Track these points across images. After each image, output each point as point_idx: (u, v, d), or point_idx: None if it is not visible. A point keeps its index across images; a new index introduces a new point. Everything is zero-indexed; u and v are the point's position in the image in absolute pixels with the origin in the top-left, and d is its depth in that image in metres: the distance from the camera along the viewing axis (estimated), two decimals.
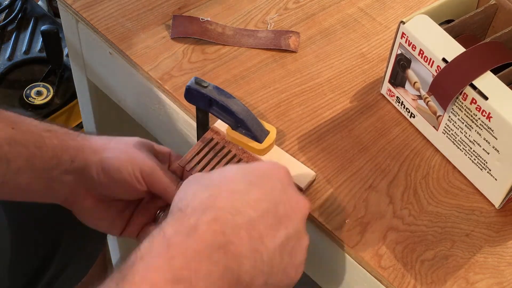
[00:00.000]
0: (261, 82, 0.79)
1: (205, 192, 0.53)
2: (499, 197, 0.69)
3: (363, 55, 0.83)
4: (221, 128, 0.68)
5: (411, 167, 0.72)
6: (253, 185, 0.54)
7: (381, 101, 0.78)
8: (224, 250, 0.49)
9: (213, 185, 0.54)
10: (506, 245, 0.67)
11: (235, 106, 0.64)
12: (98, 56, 0.86)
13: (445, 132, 0.71)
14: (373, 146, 0.74)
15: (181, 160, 0.66)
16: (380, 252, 0.65)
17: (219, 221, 0.50)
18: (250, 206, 0.52)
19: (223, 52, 0.81)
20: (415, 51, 0.70)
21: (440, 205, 0.70)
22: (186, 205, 0.52)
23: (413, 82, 0.72)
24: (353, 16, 0.87)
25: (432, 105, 0.71)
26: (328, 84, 0.79)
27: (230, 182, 0.54)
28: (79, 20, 0.84)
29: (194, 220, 0.50)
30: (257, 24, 0.85)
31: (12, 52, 1.39)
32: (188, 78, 0.77)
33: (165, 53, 0.80)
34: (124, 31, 0.82)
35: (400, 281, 0.64)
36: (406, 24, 0.70)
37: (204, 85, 0.64)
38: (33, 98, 1.33)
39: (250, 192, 0.53)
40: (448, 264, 0.65)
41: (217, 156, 0.66)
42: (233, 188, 0.53)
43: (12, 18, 1.43)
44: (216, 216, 0.51)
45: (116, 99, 0.90)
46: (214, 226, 0.50)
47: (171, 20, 0.84)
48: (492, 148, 0.66)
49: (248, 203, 0.52)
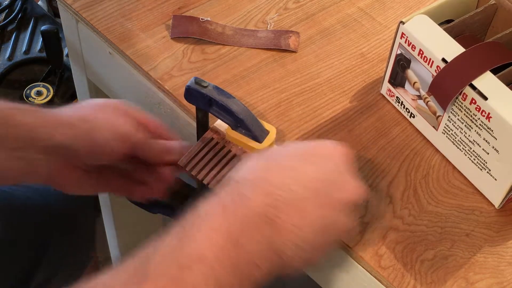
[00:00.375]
0: (261, 82, 0.79)
1: (260, 167, 0.55)
2: (499, 197, 0.69)
3: (363, 55, 0.83)
4: (221, 128, 0.68)
5: (411, 167, 0.72)
6: (309, 163, 0.56)
7: (381, 101, 0.78)
8: (272, 222, 0.52)
9: (269, 160, 0.56)
10: (506, 245, 0.67)
11: (235, 106, 0.64)
12: (98, 56, 0.86)
13: (445, 132, 0.71)
14: (373, 146, 0.74)
15: (181, 160, 0.66)
16: (380, 252, 0.65)
17: (270, 196, 0.53)
18: (302, 184, 0.54)
19: (223, 52, 0.81)
20: (415, 51, 0.70)
21: (440, 205, 0.70)
22: (241, 177, 0.55)
23: (412, 82, 0.72)
24: (353, 16, 0.87)
25: (432, 105, 0.71)
26: (328, 84, 0.79)
27: (285, 158, 0.56)
28: (79, 20, 0.84)
29: (247, 192, 0.53)
30: (257, 24, 0.85)
31: (12, 52, 1.39)
32: (188, 78, 0.77)
33: (165, 53, 0.80)
34: (124, 31, 0.82)
35: (400, 281, 0.64)
36: (406, 24, 0.70)
37: (204, 85, 0.64)
38: (33, 98, 1.33)
39: (304, 169, 0.55)
40: (448, 264, 0.65)
41: (217, 156, 0.66)
42: (287, 165, 0.55)
43: (12, 18, 1.43)
44: (268, 190, 0.53)
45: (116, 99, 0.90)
46: (265, 200, 0.52)
47: (171, 20, 0.84)
48: (492, 148, 0.66)
49: (300, 181, 0.54)
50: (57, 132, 0.64)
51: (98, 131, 0.65)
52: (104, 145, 0.66)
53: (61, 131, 0.65)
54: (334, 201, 0.55)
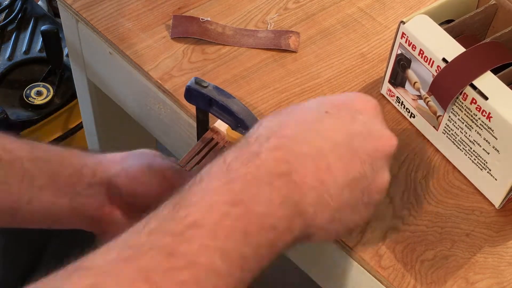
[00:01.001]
0: (261, 82, 0.79)
1: (274, 121, 0.50)
2: (499, 197, 0.69)
3: (363, 55, 0.82)
4: (221, 128, 0.68)
5: (411, 167, 0.72)
6: (328, 114, 0.50)
7: (381, 101, 0.78)
8: (287, 178, 0.46)
9: (284, 113, 0.51)
10: (506, 245, 0.67)
11: (235, 106, 0.64)
12: (98, 56, 0.86)
13: (445, 132, 0.71)
14: None
15: (181, 160, 0.66)
16: (380, 252, 0.65)
17: (283, 149, 0.47)
18: (321, 136, 0.49)
19: (223, 52, 0.81)
20: (415, 51, 0.70)
21: (440, 205, 0.70)
22: (252, 134, 0.49)
23: (413, 82, 0.72)
24: (353, 16, 0.87)
25: (432, 105, 0.71)
26: (328, 84, 0.79)
27: (302, 111, 0.51)
28: (79, 20, 0.84)
29: (256, 147, 0.47)
30: (257, 24, 0.85)
31: (12, 52, 1.39)
32: (188, 78, 0.77)
33: (165, 53, 0.80)
34: (124, 31, 0.82)
35: (400, 281, 0.64)
36: (406, 24, 0.70)
37: (204, 85, 0.64)
38: (33, 98, 1.33)
39: (323, 121, 0.50)
40: (448, 264, 0.65)
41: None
42: (304, 117, 0.50)
43: (12, 18, 1.43)
44: (280, 143, 0.47)
45: (116, 99, 0.90)
46: (277, 154, 0.47)
47: (171, 20, 0.84)
48: (492, 148, 0.66)
49: (318, 133, 0.49)
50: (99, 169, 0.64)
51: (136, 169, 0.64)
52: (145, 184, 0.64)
53: (102, 168, 0.64)
54: (360, 153, 0.49)
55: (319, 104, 0.52)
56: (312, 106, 0.51)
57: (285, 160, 0.47)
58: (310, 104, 0.52)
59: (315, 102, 0.52)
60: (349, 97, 0.53)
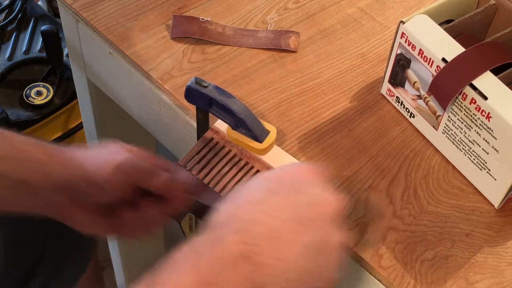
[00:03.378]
0: (261, 82, 0.79)
1: (229, 206, 0.54)
2: (498, 197, 0.69)
3: (363, 55, 0.83)
4: (221, 128, 0.68)
5: (411, 167, 0.72)
6: (273, 192, 0.54)
7: (381, 101, 0.78)
8: (247, 259, 0.50)
9: (236, 198, 0.55)
10: (506, 245, 0.67)
11: (235, 106, 0.64)
12: (98, 56, 0.86)
13: (445, 132, 0.71)
14: (373, 146, 0.74)
15: (181, 160, 0.66)
16: (380, 252, 0.65)
17: (241, 232, 0.51)
18: (269, 215, 0.52)
19: (223, 52, 0.81)
20: (415, 51, 0.70)
21: (440, 205, 0.70)
22: (213, 222, 0.54)
23: (412, 82, 0.72)
24: (353, 16, 0.87)
25: (432, 105, 0.71)
26: (328, 84, 0.79)
27: (251, 193, 0.55)
28: (79, 20, 0.84)
29: (219, 233, 0.51)
30: (257, 24, 0.85)
31: (12, 52, 1.39)
32: (188, 78, 0.77)
33: (165, 53, 0.80)
34: (124, 31, 0.82)
35: (400, 281, 0.64)
36: (406, 24, 0.70)
37: (204, 85, 0.64)
38: (33, 98, 1.33)
39: (269, 200, 0.54)
40: (448, 264, 0.65)
41: (217, 156, 0.66)
42: (253, 199, 0.54)
43: (12, 18, 1.43)
44: (238, 227, 0.51)
45: (116, 99, 0.90)
46: (236, 237, 0.51)
47: (171, 20, 0.84)
48: (492, 148, 0.66)
49: (266, 212, 0.53)
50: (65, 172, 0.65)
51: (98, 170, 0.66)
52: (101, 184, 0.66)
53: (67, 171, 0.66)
54: (311, 221, 0.53)
55: (264, 183, 0.56)
56: (258, 187, 0.55)
57: (243, 242, 0.51)
58: (255, 185, 0.56)
59: (261, 182, 0.56)
60: (289, 171, 0.57)
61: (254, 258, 0.50)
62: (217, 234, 0.51)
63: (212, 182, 0.65)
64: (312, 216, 0.54)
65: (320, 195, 0.55)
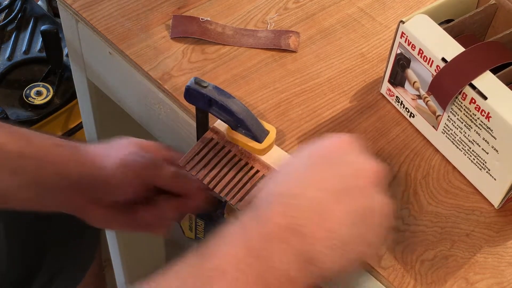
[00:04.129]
0: (261, 82, 0.79)
1: (273, 186, 0.56)
2: (498, 197, 0.69)
3: (363, 55, 0.83)
4: (221, 128, 0.68)
5: (411, 167, 0.72)
6: (315, 165, 0.56)
7: (381, 101, 0.78)
8: (295, 232, 0.51)
9: (279, 176, 0.57)
10: (506, 245, 0.67)
11: (235, 106, 0.64)
12: (98, 56, 0.86)
13: (445, 131, 0.71)
14: (373, 146, 0.74)
15: (181, 160, 0.66)
16: (380, 252, 0.65)
17: (285, 206, 0.53)
18: (312, 188, 0.54)
19: (223, 52, 0.81)
20: (415, 51, 0.70)
21: (440, 205, 0.70)
22: (258, 200, 0.55)
23: (412, 82, 0.72)
24: (353, 16, 0.87)
25: (432, 104, 0.71)
26: (328, 84, 0.79)
27: (294, 169, 0.57)
28: (79, 20, 0.84)
29: (263, 209, 0.53)
30: (257, 24, 0.85)
31: (12, 52, 1.39)
32: (188, 78, 0.77)
33: (165, 53, 0.80)
34: (124, 31, 0.82)
35: (400, 281, 0.64)
36: (406, 23, 0.70)
37: (204, 85, 0.64)
38: (33, 98, 1.33)
39: (312, 173, 0.55)
40: (448, 264, 0.65)
41: (217, 156, 0.66)
42: (297, 175, 0.56)
43: (12, 18, 1.43)
44: (285, 203, 0.53)
45: (116, 99, 0.90)
46: (281, 211, 0.52)
47: (171, 20, 0.84)
48: (491, 148, 0.66)
49: (309, 186, 0.54)
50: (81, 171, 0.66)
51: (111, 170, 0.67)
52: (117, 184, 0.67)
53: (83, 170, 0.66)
54: (356, 190, 0.54)
55: (305, 158, 0.58)
56: (299, 162, 0.57)
57: (290, 215, 0.52)
58: (297, 161, 0.58)
59: (302, 157, 0.58)
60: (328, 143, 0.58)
61: (299, 230, 0.52)
62: (262, 210, 0.53)
63: (212, 183, 0.65)
64: (354, 185, 0.55)
65: (360, 164, 0.57)
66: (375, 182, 0.56)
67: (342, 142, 0.58)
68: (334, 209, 0.53)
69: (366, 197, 0.55)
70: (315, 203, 0.53)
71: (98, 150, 0.69)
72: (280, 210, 0.52)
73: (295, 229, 0.51)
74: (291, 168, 0.57)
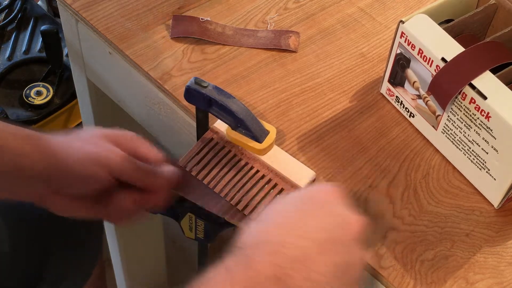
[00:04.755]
0: (261, 82, 0.79)
1: (260, 230, 0.55)
2: (498, 197, 0.69)
3: (363, 55, 0.83)
4: (221, 128, 0.68)
5: (411, 167, 0.72)
6: (304, 214, 0.55)
7: (381, 101, 0.78)
8: (280, 281, 0.51)
9: (265, 220, 0.56)
10: (506, 245, 0.67)
11: (235, 106, 0.64)
12: (98, 56, 0.86)
13: (444, 131, 0.71)
14: (373, 146, 0.74)
15: (181, 160, 0.66)
16: (380, 252, 0.65)
17: (274, 255, 0.52)
18: (302, 237, 0.54)
19: (223, 52, 0.81)
20: (415, 51, 0.70)
21: (440, 205, 0.70)
22: (242, 242, 0.54)
23: (412, 82, 0.72)
24: (353, 16, 0.87)
25: (431, 104, 0.71)
26: (328, 84, 0.79)
27: (281, 213, 0.56)
28: (79, 20, 0.84)
29: (251, 253, 0.52)
30: (257, 24, 0.85)
31: (12, 52, 1.39)
32: (188, 78, 0.77)
33: (165, 53, 0.80)
34: (124, 31, 0.82)
35: (400, 281, 0.64)
36: (406, 23, 0.70)
37: (204, 85, 0.64)
38: (33, 98, 1.33)
39: (301, 222, 0.55)
40: (448, 264, 0.65)
41: (217, 156, 0.66)
42: (285, 222, 0.55)
43: (12, 18, 1.43)
44: (272, 250, 0.52)
45: (116, 99, 0.90)
46: (270, 259, 0.51)
47: (171, 20, 0.84)
48: (491, 148, 0.66)
49: (299, 234, 0.54)
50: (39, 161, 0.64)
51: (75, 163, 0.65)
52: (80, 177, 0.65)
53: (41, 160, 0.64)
54: (340, 243, 0.54)
55: (292, 204, 0.57)
56: (287, 208, 0.56)
57: (278, 265, 0.51)
58: (285, 206, 0.57)
59: (290, 202, 0.57)
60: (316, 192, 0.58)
61: (287, 281, 0.51)
62: (249, 255, 0.52)
63: (212, 183, 0.65)
64: (343, 237, 0.55)
65: (348, 216, 0.56)
66: (358, 236, 0.56)
67: (329, 192, 0.58)
68: (319, 260, 0.53)
69: (348, 252, 0.55)
70: (301, 253, 0.52)
71: (62, 141, 0.67)
72: (269, 258, 0.51)
73: (282, 279, 0.51)
74: (280, 212, 0.56)
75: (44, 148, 0.65)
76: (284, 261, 0.52)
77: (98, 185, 0.66)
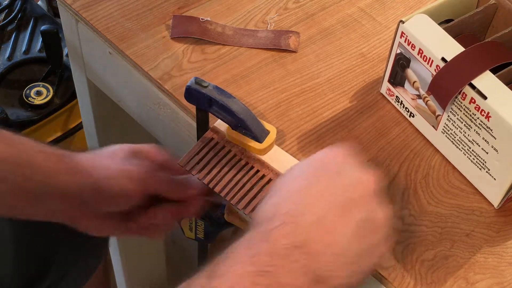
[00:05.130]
0: (261, 82, 0.79)
1: (274, 199, 0.55)
2: (498, 197, 0.69)
3: (363, 55, 0.83)
4: (221, 128, 0.68)
5: (411, 167, 0.72)
6: (313, 180, 0.55)
7: (381, 101, 0.78)
8: (301, 249, 0.51)
9: (279, 189, 0.56)
10: (506, 245, 0.67)
11: (235, 106, 0.64)
12: (98, 56, 0.86)
13: (444, 131, 0.71)
14: (373, 146, 0.74)
15: (181, 160, 0.66)
16: None
17: (289, 224, 0.52)
18: (314, 202, 0.53)
19: (223, 52, 0.81)
20: (415, 51, 0.70)
21: (440, 205, 0.70)
22: (258, 217, 0.54)
23: (412, 82, 0.72)
24: (353, 16, 0.87)
25: (431, 104, 0.71)
26: (328, 84, 0.79)
27: (293, 182, 0.56)
28: (79, 20, 0.84)
29: (268, 227, 0.52)
30: (257, 24, 0.85)
31: (12, 52, 1.39)
32: (188, 78, 0.77)
33: (165, 53, 0.80)
34: (124, 31, 0.82)
35: (400, 281, 0.64)
36: (406, 23, 0.70)
37: (204, 85, 0.64)
38: (33, 98, 1.33)
39: (313, 187, 0.54)
40: (448, 264, 0.65)
41: (217, 156, 0.66)
42: (296, 189, 0.55)
43: (12, 18, 1.43)
44: (285, 220, 0.52)
45: (116, 99, 0.90)
46: (286, 229, 0.52)
47: (171, 20, 0.84)
48: (491, 147, 0.66)
49: (311, 200, 0.54)
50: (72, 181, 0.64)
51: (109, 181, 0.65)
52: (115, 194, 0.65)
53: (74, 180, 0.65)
54: (354, 202, 0.54)
55: (301, 172, 0.57)
56: (296, 177, 0.56)
57: (294, 233, 0.51)
58: (297, 174, 0.57)
59: (301, 170, 0.57)
60: (325, 155, 0.58)
61: (306, 247, 0.51)
62: (266, 229, 0.52)
63: (212, 182, 0.65)
64: (356, 197, 0.54)
65: (360, 175, 0.56)
66: (374, 191, 0.55)
67: (336, 153, 0.57)
68: (339, 223, 0.52)
69: (367, 209, 0.54)
70: (319, 219, 0.52)
71: (93, 160, 0.67)
72: (285, 228, 0.51)
73: (301, 247, 0.51)
74: (292, 181, 0.56)
75: (76, 167, 0.65)
76: (299, 228, 0.51)
77: (132, 202, 0.66)
